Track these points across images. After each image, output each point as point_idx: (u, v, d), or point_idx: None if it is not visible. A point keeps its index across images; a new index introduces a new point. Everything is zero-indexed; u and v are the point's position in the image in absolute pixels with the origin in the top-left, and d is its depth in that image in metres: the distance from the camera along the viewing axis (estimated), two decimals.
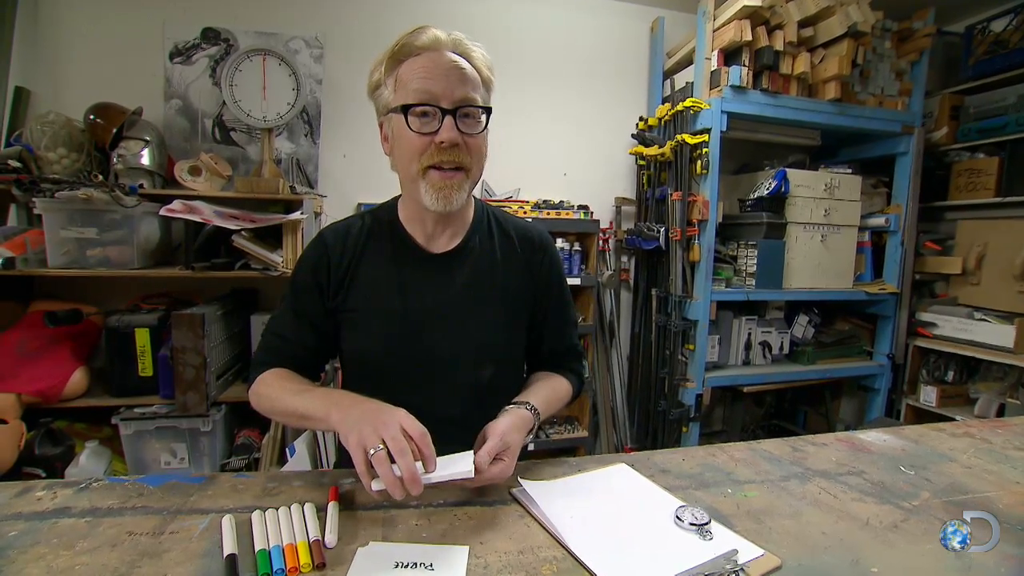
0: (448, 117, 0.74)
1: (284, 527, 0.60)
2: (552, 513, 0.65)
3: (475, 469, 0.66)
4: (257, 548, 0.56)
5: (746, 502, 0.72)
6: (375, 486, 0.60)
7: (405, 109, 0.75)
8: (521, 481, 0.72)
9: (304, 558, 0.54)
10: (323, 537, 0.58)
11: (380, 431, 0.61)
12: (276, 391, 0.80)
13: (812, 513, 0.69)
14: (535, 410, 0.81)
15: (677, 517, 0.65)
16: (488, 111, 0.80)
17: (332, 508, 0.64)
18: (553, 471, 0.79)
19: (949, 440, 0.95)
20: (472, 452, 0.68)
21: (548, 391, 0.89)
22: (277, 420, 0.83)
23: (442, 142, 0.75)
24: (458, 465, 0.65)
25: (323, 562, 0.54)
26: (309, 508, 0.63)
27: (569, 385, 0.95)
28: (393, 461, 0.59)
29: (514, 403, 0.81)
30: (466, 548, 0.58)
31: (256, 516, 0.61)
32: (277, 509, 0.63)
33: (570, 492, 0.72)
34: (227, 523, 0.59)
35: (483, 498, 0.70)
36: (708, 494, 0.74)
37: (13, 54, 1.84)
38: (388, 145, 0.83)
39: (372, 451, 0.59)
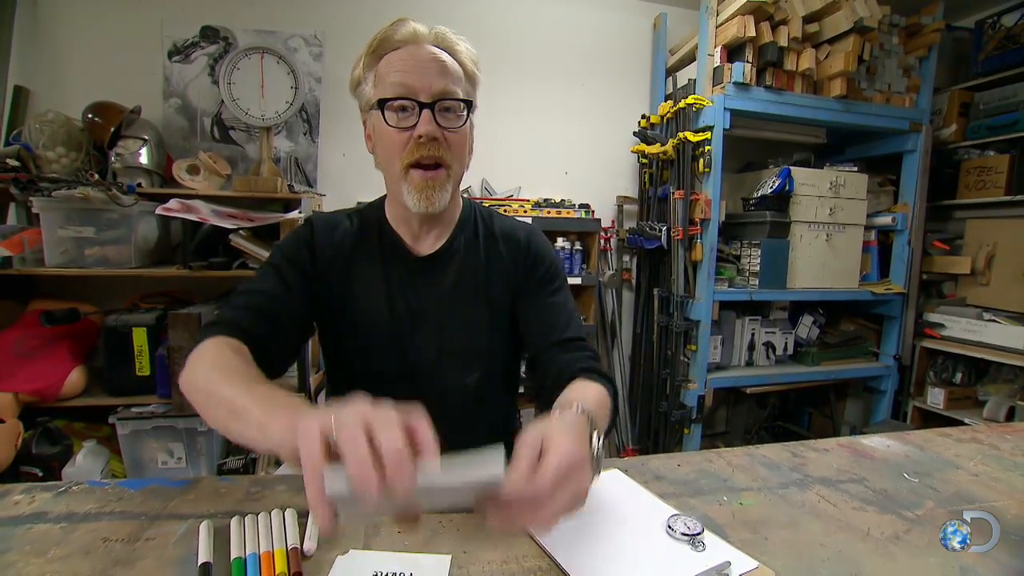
0: (426, 111, 0.72)
1: (263, 534, 0.58)
2: None
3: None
4: (233, 556, 0.54)
5: (742, 511, 0.69)
6: (331, 484, 0.39)
7: (382, 104, 0.73)
8: None
9: (280, 566, 0.53)
10: (302, 544, 0.57)
11: (348, 409, 0.43)
12: (219, 371, 0.60)
13: (810, 523, 0.67)
14: (584, 410, 0.58)
15: (669, 526, 0.63)
16: (469, 104, 0.77)
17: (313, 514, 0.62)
18: None
19: (955, 446, 0.92)
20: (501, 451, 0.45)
21: (587, 395, 0.70)
22: (198, 407, 0.60)
23: (420, 136, 0.72)
24: (478, 468, 0.43)
25: (299, 571, 0.53)
26: (290, 514, 0.62)
27: (598, 385, 0.74)
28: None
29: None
30: (448, 557, 0.56)
31: (235, 522, 0.60)
32: (257, 515, 0.61)
33: None
34: (204, 530, 0.58)
35: (470, 505, 0.67)
36: (703, 502, 0.72)
37: (12, 53, 1.84)
38: (371, 143, 0.81)
39: (336, 429, 0.41)
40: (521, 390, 0.95)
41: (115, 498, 0.66)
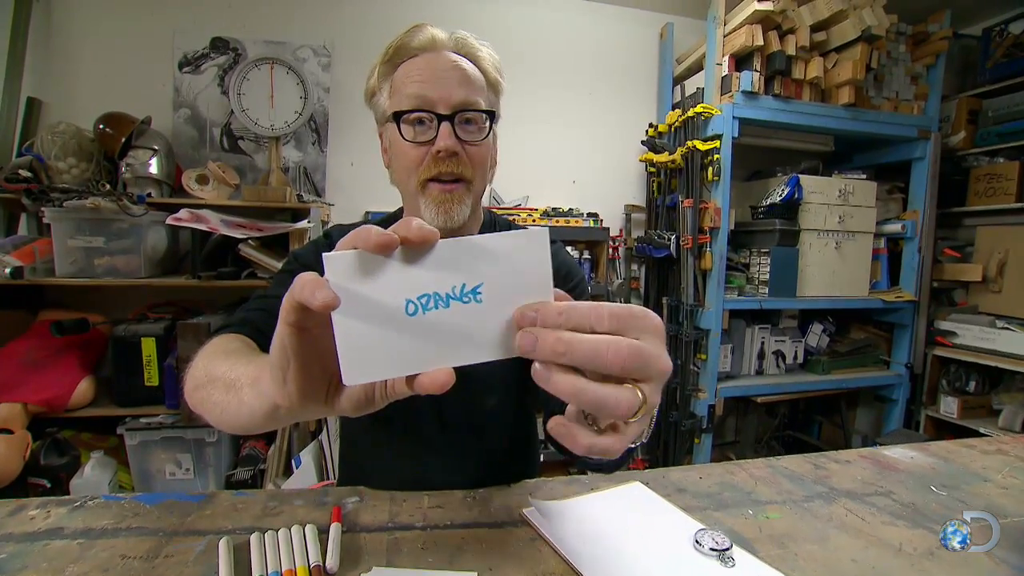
0: (445, 123, 0.67)
1: (284, 551, 0.57)
2: (564, 536, 0.62)
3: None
4: (255, 574, 0.53)
5: (768, 525, 0.68)
6: (333, 268, 0.32)
7: (398, 116, 0.69)
8: (532, 501, 0.69)
9: None
10: (324, 562, 0.56)
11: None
12: (217, 357, 0.54)
13: (840, 538, 0.65)
14: None
15: (696, 541, 0.62)
16: (492, 115, 0.72)
17: (334, 530, 0.61)
18: (565, 490, 0.75)
19: (981, 458, 0.90)
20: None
21: None
22: (201, 407, 0.51)
23: (439, 151, 0.67)
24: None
25: None
26: (310, 530, 0.61)
27: None
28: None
29: None
30: (474, 574, 0.55)
31: (255, 539, 0.59)
32: (277, 531, 0.60)
33: (583, 513, 0.69)
34: (223, 547, 0.56)
35: (492, 520, 0.66)
36: (728, 515, 0.70)
37: (26, 65, 1.86)
38: (387, 157, 0.76)
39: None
40: None
41: (131, 513, 0.65)
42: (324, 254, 0.32)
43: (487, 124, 0.71)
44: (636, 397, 0.33)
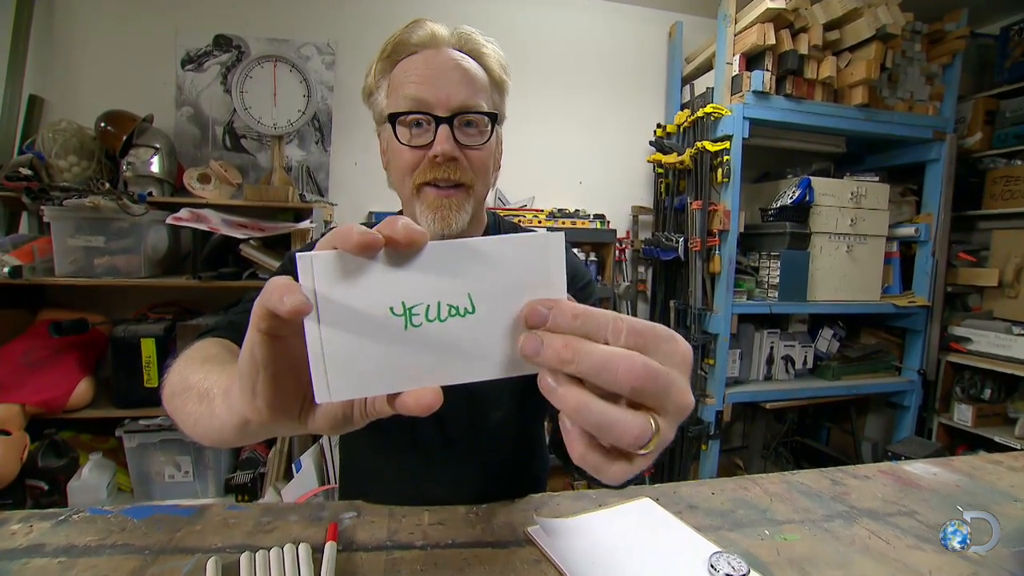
0: (443, 127, 0.63)
1: (275, 571, 0.54)
2: (571, 557, 0.59)
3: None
4: None
5: (787, 547, 0.64)
6: (308, 272, 0.29)
7: (393, 119, 0.65)
8: (537, 519, 0.66)
9: None
10: None
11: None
12: (193, 363, 0.51)
13: (864, 563, 0.61)
14: None
15: (712, 566, 0.58)
16: (494, 118, 0.67)
17: (329, 549, 0.58)
18: (571, 506, 0.72)
19: (1008, 475, 0.86)
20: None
21: None
22: (177, 417, 0.48)
23: (436, 156, 0.63)
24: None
25: None
26: (304, 549, 0.58)
27: None
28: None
29: None
30: None
31: (245, 559, 0.56)
32: (269, 550, 0.57)
33: (590, 531, 0.66)
34: (211, 567, 0.54)
35: (495, 539, 0.63)
36: (743, 536, 0.67)
37: (28, 62, 1.84)
38: (386, 158, 0.72)
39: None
40: None
41: (117, 528, 0.62)
42: (297, 254, 0.29)
43: (488, 127, 0.67)
44: (648, 425, 0.29)
